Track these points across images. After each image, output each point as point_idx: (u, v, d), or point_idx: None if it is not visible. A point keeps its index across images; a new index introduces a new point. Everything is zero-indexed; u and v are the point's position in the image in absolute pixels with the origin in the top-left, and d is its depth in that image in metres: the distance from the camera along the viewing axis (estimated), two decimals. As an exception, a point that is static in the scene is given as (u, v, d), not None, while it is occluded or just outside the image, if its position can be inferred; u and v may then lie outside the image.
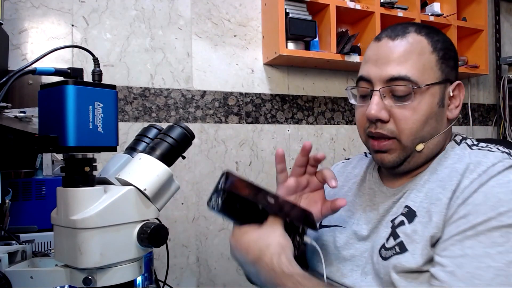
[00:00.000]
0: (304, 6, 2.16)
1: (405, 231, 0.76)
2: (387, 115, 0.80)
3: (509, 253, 0.64)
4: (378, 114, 0.80)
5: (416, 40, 0.81)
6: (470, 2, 2.68)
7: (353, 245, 0.86)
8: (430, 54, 0.81)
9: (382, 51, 0.82)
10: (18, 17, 1.78)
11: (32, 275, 0.68)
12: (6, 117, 1.12)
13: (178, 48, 2.05)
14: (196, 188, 2.05)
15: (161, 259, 1.88)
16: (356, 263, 0.84)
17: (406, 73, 0.79)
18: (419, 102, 0.79)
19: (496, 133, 2.91)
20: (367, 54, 0.86)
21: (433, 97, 0.81)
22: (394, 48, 0.81)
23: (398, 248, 0.75)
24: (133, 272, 0.69)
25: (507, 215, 0.67)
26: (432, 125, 0.81)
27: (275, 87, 2.26)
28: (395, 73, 0.79)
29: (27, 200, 1.33)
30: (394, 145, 0.82)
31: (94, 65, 0.68)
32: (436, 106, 0.81)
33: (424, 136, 0.81)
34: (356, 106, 0.89)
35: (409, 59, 0.80)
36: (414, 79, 0.79)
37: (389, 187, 0.89)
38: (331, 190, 1.01)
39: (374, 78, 0.81)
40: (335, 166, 1.11)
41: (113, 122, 0.67)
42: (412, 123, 0.79)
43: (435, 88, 0.81)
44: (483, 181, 0.72)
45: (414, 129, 0.80)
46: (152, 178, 0.69)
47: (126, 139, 1.88)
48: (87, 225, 0.62)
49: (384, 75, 0.80)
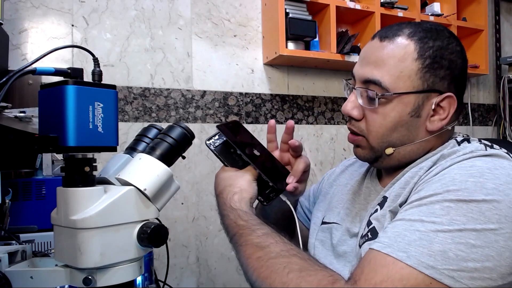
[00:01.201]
0: (304, 6, 2.16)
1: (376, 217, 0.78)
2: (359, 114, 0.83)
3: (442, 225, 0.63)
4: (350, 112, 0.84)
5: (402, 45, 0.79)
6: (470, 2, 2.68)
7: (346, 241, 0.88)
8: (412, 61, 0.78)
9: (368, 51, 0.84)
10: (18, 17, 1.78)
11: (32, 275, 0.68)
12: (6, 117, 1.12)
13: (178, 48, 2.05)
14: (196, 188, 2.05)
15: (161, 259, 1.88)
16: (347, 259, 0.85)
17: (379, 78, 0.79)
18: (388, 108, 0.80)
19: (496, 133, 2.91)
20: (362, 51, 0.88)
21: (405, 106, 0.79)
22: (378, 50, 0.81)
23: (370, 234, 0.77)
24: (133, 272, 0.69)
25: (455, 193, 0.66)
26: (402, 133, 0.81)
27: (275, 87, 2.26)
28: (370, 75, 0.80)
29: (27, 200, 1.33)
30: (363, 143, 0.85)
31: (94, 65, 0.68)
32: (407, 115, 0.79)
33: (392, 141, 0.82)
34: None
35: (387, 64, 0.79)
36: (385, 86, 0.78)
37: (383, 186, 0.89)
38: (336, 188, 1.04)
39: (356, 76, 0.84)
40: (345, 161, 1.11)
41: (113, 122, 0.67)
42: (379, 127, 0.81)
43: (408, 97, 0.79)
44: (447, 166, 0.73)
45: (380, 133, 0.81)
46: (152, 178, 0.69)
47: (126, 139, 1.89)
48: (87, 225, 0.62)
49: (361, 75, 0.82)
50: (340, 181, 1.04)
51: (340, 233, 0.90)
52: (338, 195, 1.00)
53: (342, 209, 0.94)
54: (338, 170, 1.08)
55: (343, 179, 1.04)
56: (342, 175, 1.05)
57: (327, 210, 0.99)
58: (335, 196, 1.00)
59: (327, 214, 0.98)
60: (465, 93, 3.05)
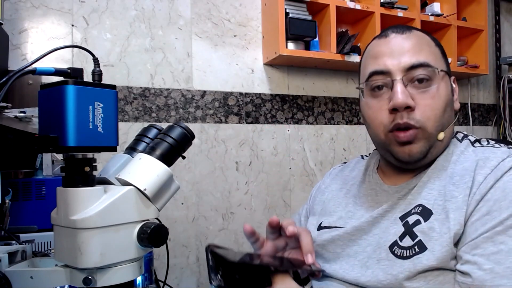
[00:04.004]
0: (304, 6, 2.16)
1: (422, 229, 0.76)
2: (413, 102, 0.80)
3: None
4: (407, 101, 0.79)
5: (421, 35, 0.86)
6: (470, 2, 2.68)
7: (356, 241, 0.86)
8: (435, 47, 0.86)
9: (394, 44, 0.84)
10: (18, 17, 1.78)
11: (32, 275, 0.68)
12: (6, 117, 1.12)
13: (178, 48, 2.05)
14: (196, 188, 2.05)
15: (161, 259, 1.88)
16: (358, 258, 0.84)
17: (424, 59, 0.81)
18: (438, 88, 0.82)
19: (496, 133, 2.91)
20: (376, 50, 0.86)
21: (447, 84, 0.84)
22: (405, 41, 0.83)
23: (418, 247, 0.75)
24: (133, 272, 0.69)
25: None
26: (449, 112, 0.84)
27: (275, 87, 2.26)
28: (415, 60, 0.81)
29: (27, 200, 1.33)
30: (420, 134, 0.81)
31: (94, 65, 0.68)
32: (450, 94, 0.85)
33: (444, 124, 0.82)
34: (368, 105, 0.86)
35: (422, 49, 0.83)
36: (434, 65, 0.82)
37: (391, 185, 0.88)
38: (329, 194, 1.02)
39: (393, 69, 0.82)
40: (332, 171, 1.11)
41: (113, 122, 0.67)
42: (436, 109, 0.81)
43: (446, 76, 0.85)
44: (498, 176, 0.73)
45: (438, 115, 0.81)
46: (152, 178, 0.68)
47: (126, 139, 1.89)
48: (87, 225, 0.62)
49: (403, 64, 0.81)
50: (333, 187, 1.03)
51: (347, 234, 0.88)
52: (334, 200, 0.98)
53: (343, 212, 0.93)
54: (328, 180, 1.07)
55: (336, 185, 1.03)
56: (333, 181, 1.05)
57: (322, 215, 0.98)
58: (330, 201, 0.99)
59: (323, 219, 0.96)
60: (465, 93, 3.04)
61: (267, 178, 2.21)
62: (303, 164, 2.31)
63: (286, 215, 2.23)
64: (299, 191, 2.28)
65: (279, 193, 2.24)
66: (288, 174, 2.27)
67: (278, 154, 2.25)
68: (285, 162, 2.26)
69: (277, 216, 2.32)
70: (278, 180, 2.24)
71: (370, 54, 0.87)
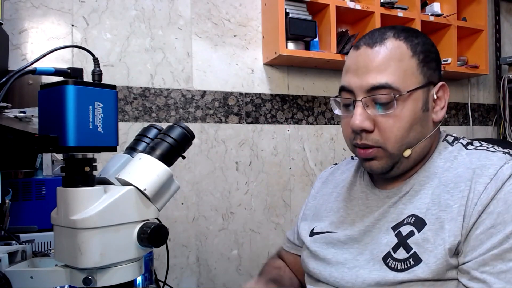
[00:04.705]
0: (304, 6, 2.16)
1: (416, 241, 0.75)
2: (371, 125, 0.79)
3: None
4: (362, 125, 0.79)
5: (394, 46, 0.80)
6: (470, 2, 2.68)
7: (347, 249, 0.86)
8: (410, 58, 0.80)
9: (361, 60, 0.81)
10: (18, 17, 1.78)
11: (32, 275, 0.68)
12: (6, 117, 1.12)
13: (178, 48, 2.05)
14: (196, 188, 2.05)
15: (161, 259, 1.88)
16: (347, 266, 0.84)
17: (386, 80, 0.77)
18: (402, 109, 0.78)
19: (496, 133, 2.91)
20: (347, 63, 0.85)
21: (416, 102, 0.80)
22: (373, 56, 0.80)
23: (413, 260, 0.74)
24: (133, 272, 0.69)
25: None
26: (417, 130, 0.80)
27: (275, 87, 2.26)
28: (375, 82, 0.78)
29: (27, 200, 1.33)
30: (380, 153, 0.81)
31: (94, 65, 0.68)
32: (420, 111, 0.80)
33: (410, 142, 0.80)
34: (340, 117, 0.88)
35: (388, 66, 0.78)
36: (396, 86, 0.78)
37: (381, 189, 0.88)
38: (320, 199, 1.02)
39: (355, 88, 0.81)
40: (323, 173, 1.10)
41: (113, 122, 0.67)
42: (397, 130, 0.78)
43: (417, 93, 0.80)
44: (498, 187, 0.72)
45: (399, 136, 0.79)
46: (152, 178, 0.68)
47: (126, 139, 1.89)
48: (87, 225, 0.62)
49: (364, 85, 0.79)
50: (324, 191, 1.03)
51: (338, 241, 0.88)
52: (325, 204, 0.98)
53: (335, 217, 0.92)
54: (318, 184, 1.07)
55: (327, 189, 1.02)
56: (324, 185, 1.04)
57: (314, 220, 0.98)
58: (321, 206, 0.99)
59: (315, 224, 0.96)
60: (465, 93, 3.03)
61: (267, 178, 2.21)
62: (303, 164, 2.31)
63: (286, 215, 2.23)
64: (299, 191, 2.28)
65: (279, 193, 2.24)
66: (288, 174, 2.27)
67: (278, 154, 2.25)
68: (285, 162, 2.26)
69: (277, 216, 2.33)
70: (278, 180, 2.24)
71: (345, 64, 0.86)
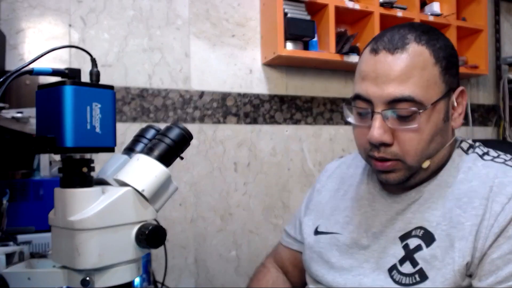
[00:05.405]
0: (302, 6, 2.16)
1: (423, 256, 0.74)
2: (391, 138, 0.75)
3: None
4: (382, 138, 0.74)
5: (417, 52, 0.74)
6: (470, 2, 2.68)
7: (353, 255, 0.84)
8: (433, 66, 0.75)
9: (380, 68, 0.75)
10: (15, 17, 1.77)
11: (30, 277, 0.68)
12: (3, 118, 1.11)
13: (176, 48, 2.04)
14: (194, 189, 2.05)
15: (159, 260, 1.87)
16: (352, 273, 0.82)
17: (409, 93, 0.72)
18: (424, 122, 0.74)
19: (496, 134, 2.91)
20: (363, 69, 0.79)
21: (439, 113, 0.76)
22: (394, 64, 0.74)
23: (418, 276, 0.73)
24: (131, 273, 0.68)
25: None
26: (437, 141, 0.77)
27: (274, 88, 2.26)
28: (398, 94, 0.73)
29: (24, 201, 1.33)
30: (398, 165, 0.77)
31: (92, 66, 0.68)
32: (441, 122, 0.77)
33: (430, 153, 0.77)
34: (354, 124, 0.83)
35: (411, 76, 0.73)
36: (419, 99, 0.73)
37: (389, 192, 0.85)
38: (326, 194, 0.98)
39: (374, 99, 0.75)
40: (328, 166, 1.07)
41: (111, 122, 0.66)
42: (418, 143, 0.75)
43: (440, 103, 0.76)
44: None
45: (420, 150, 0.75)
46: (150, 179, 0.68)
47: (124, 139, 1.88)
48: (85, 226, 0.62)
49: (385, 96, 0.74)
50: (329, 186, 0.99)
51: (344, 244, 0.86)
52: (331, 201, 0.95)
53: (341, 217, 0.90)
54: (324, 178, 1.03)
55: (332, 184, 0.99)
56: (330, 180, 1.01)
57: (319, 217, 0.95)
58: (327, 203, 0.96)
59: (320, 222, 0.94)
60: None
61: (266, 179, 2.21)
62: (301, 164, 2.31)
63: (285, 216, 2.23)
64: (297, 192, 2.28)
65: (277, 194, 2.24)
66: (287, 175, 2.27)
67: (277, 155, 2.24)
68: (284, 162, 2.26)
69: (276, 217, 2.33)
70: (276, 181, 2.24)
71: (360, 69, 0.80)
